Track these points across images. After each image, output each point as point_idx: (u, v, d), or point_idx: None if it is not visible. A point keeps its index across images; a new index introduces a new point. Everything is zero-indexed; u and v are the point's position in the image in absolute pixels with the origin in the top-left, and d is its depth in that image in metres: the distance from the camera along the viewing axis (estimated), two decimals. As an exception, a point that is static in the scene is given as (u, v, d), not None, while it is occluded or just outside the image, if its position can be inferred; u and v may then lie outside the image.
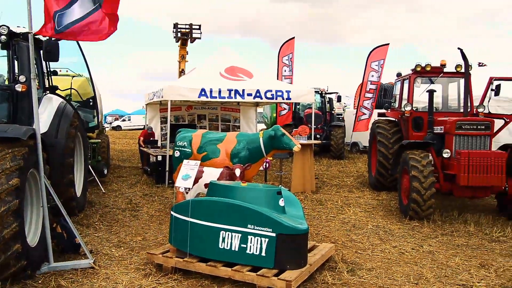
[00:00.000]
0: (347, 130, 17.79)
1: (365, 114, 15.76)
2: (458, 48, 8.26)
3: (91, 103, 9.21)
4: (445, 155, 7.56)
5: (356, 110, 16.74)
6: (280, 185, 10.25)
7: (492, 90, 8.59)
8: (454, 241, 6.44)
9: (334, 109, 20.71)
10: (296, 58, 16.58)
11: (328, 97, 18.43)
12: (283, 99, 11.37)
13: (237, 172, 6.21)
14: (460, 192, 7.57)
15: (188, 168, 5.16)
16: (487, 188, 7.44)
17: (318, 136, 16.22)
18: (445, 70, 9.22)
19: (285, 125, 16.15)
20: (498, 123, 8.68)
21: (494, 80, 8.59)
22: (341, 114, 23.13)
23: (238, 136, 7.31)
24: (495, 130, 8.31)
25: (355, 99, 21.35)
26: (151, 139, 13.19)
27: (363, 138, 17.00)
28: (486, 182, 7.19)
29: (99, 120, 10.18)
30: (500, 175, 7.14)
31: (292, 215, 4.90)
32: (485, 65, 14.28)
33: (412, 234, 6.78)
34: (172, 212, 5.09)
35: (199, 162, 5.38)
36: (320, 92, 17.97)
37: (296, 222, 4.63)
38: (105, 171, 11.07)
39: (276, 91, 11.18)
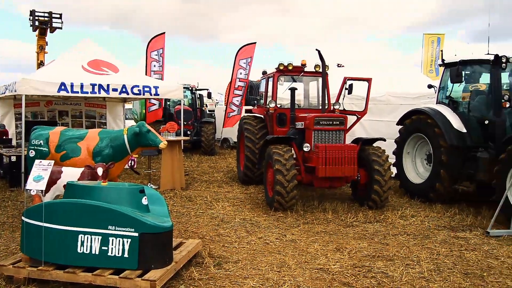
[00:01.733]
0: (218, 126, 18.03)
1: (234, 110, 16.15)
2: (316, 50, 8.85)
3: None
4: (305, 149, 8.06)
5: (225, 106, 17.07)
6: (149, 183, 10.05)
7: (346, 89, 9.36)
8: (314, 229, 6.89)
9: (205, 106, 20.82)
10: (168, 54, 16.28)
11: (199, 94, 18.47)
12: (151, 95, 11.10)
13: (99, 171, 5.90)
14: (319, 183, 8.14)
15: (40, 168, 4.75)
16: (342, 178, 8.11)
17: (188, 132, 16.18)
18: (305, 69, 9.78)
19: (156, 121, 15.82)
20: (352, 119, 9.51)
21: (348, 80, 9.36)
22: (213, 111, 23.40)
23: (100, 133, 6.95)
24: (349, 125, 9.11)
25: (225, 95, 21.76)
26: (4, 137, 11.93)
27: (233, 134, 17.38)
28: (341, 173, 7.83)
29: None
30: (353, 166, 7.82)
31: (156, 213, 4.80)
32: (343, 66, 15.57)
33: (276, 224, 7.10)
34: (23, 218, 4.66)
35: (52, 162, 4.99)
36: (190, 88, 17.93)
37: (160, 220, 4.55)
38: None
39: (144, 87, 10.87)
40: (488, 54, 8.35)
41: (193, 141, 16.71)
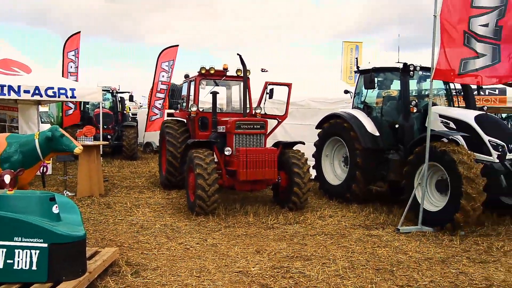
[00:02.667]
0: (141, 130, 17.60)
1: (157, 114, 15.87)
2: (238, 54, 8.91)
3: None
4: (226, 153, 8.09)
5: (148, 110, 16.74)
6: (65, 190, 9.57)
7: (267, 93, 9.53)
8: (235, 232, 6.93)
9: (127, 109, 20.23)
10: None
11: (120, 96, 17.91)
12: (67, 97, 10.60)
13: (7, 178, 5.52)
14: (241, 186, 8.21)
15: None
16: (263, 181, 8.24)
17: (109, 136, 15.64)
18: (228, 73, 9.82)
19: (74, 125, 15.14)
20: (274, 122, 9.70)
21: (269, 84, 9.55)
22: (136, 114, 22.83)
23: (8, 138, 6.52)
24: (270, 129, 9.28)
25: (148, 99, 21.33)
26: None
27: (156, 138, 17.02)
28: (261, 176, 7.95)
29: None
30: (273, 169, 7.98)
31: (69, 222, 4.57)
32: (266, 70, 15.81)
33: (198, 229, 7.05)
34: None
35: None
36: (111, 90, 17.36)
37: (71, 229, 4.35)
38: None
39: (59, 89, 10.35)
40: (398, 62, 8.89)
41: (114, 146, 16.17)
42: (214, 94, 8.85)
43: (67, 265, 4.20)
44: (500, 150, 7.34)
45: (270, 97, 9.48)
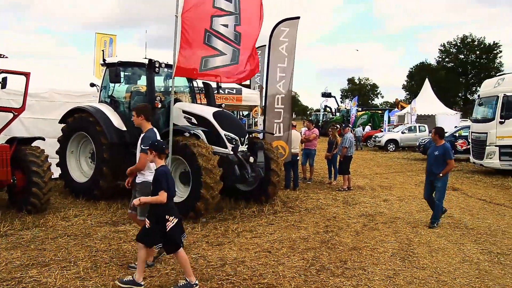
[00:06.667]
0: None
1: None
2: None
3: None
4: None
5: None
6: None
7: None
8: (-46, 246, 5.91)
9: None
10: None
11: None
12: None
13: None
14: (-37, 191, 7.06)
15: None
16: (-6, 183, 7.26)
17: None
18: None
19: None
20: (8, 116, 8.61)
21: (1, 72, 8.42)
22: None
23: None
24: (5, 123, 8.23)
25: None
26: None
27: None
28: (-10, 177, 6.99)
29: None
30: (5, 168, 7.12)
31: None
32: (6, 57, 13.84)
33: None
34: None
35: None
36: None
37: None
38: None
39: None
40: (145, 58, 8.98)
41: None
42: None
43: None
44: (234, 143, 8.22)
45: (3, 87, 8.37)
